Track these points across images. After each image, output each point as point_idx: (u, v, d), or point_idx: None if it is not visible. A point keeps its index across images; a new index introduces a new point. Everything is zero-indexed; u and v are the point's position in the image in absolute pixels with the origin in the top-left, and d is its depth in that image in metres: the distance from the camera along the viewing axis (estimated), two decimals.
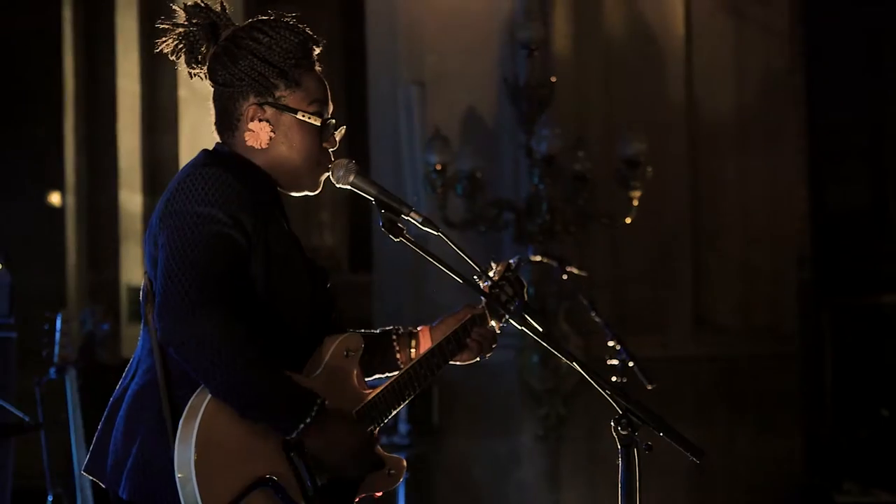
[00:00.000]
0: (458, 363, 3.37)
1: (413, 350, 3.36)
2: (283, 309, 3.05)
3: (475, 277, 3.36)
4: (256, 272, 3.01)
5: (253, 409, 2.88)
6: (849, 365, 9.48)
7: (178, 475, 2.86)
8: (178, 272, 2.90)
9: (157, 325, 2.92)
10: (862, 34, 9.83)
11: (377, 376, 3.29)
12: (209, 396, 2.89)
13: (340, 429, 2.98)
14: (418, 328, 3.40)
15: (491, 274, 3.40)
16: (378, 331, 3.39)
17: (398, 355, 3.35)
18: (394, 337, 3.37)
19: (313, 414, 2.91)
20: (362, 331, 3.34)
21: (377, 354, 3.34)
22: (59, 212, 10.74)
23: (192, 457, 2.85)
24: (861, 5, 9.80)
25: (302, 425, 2.90)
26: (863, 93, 9.99)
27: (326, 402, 2.95)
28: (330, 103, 3.21)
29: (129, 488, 2.96)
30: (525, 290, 3.45)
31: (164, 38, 3.20)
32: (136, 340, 8.82)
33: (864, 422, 9.07)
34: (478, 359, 3.39)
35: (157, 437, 2.93)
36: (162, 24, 3.21)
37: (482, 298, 3.39)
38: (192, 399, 2.90)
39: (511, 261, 3.48)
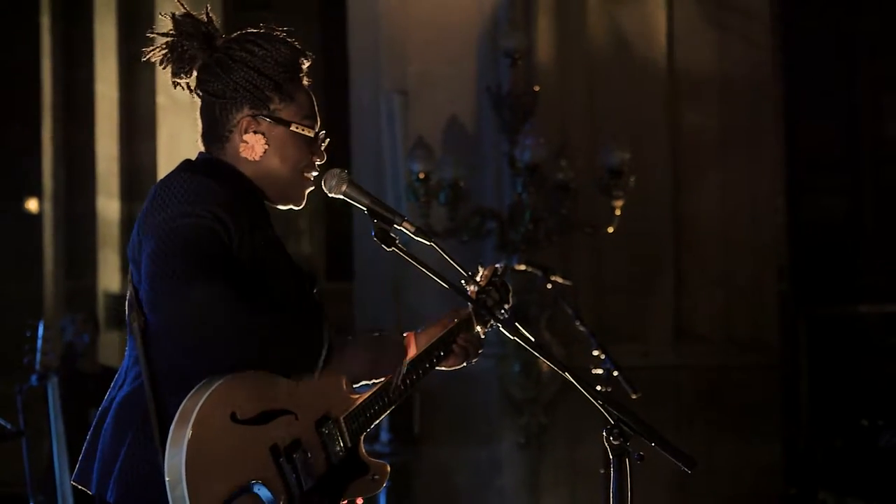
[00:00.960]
0: (443, 368, 3.38)
1: None
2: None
3: (462, 282, 3.37)
4: (239, 276, 3.00)
5: (275, 347, 2.93)
6: (825, 374, 9.52)
7: (167, 479, 2.85)
8: (165, 262, 2.90)
9: (152, 318, 2.93)
10: (840, 47, 9.90)
11: (363, 382, 3.27)
12: (202, 400, 2.88)
13: (357, 352, 3.06)
14: (405, 335, 3.39)
15: (478, 279, 3.41)
16: None
17: None
18: None
19: (325, 354, 2.96)
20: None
21: None
22: (36, 218, 10.70)
23: (183, 461, 2.85)
24: (839, 19, 9.87)
25: (321, 362, 2.96)
26: (840, 104, 10.05)
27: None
28: (318, 116, 3.22)
29: (117, 492, 2.97)
30: (510, 294, 3.47)
31: (152, 48, 3.19)
32: (113, 347, 8.76)
33: (839, 431, 9.10)
34: (464, 364, 3.39)
35: (145, 442, 2.93)
36: (152, 33, 3.20)
37: (468, 304, 3.39)
38: (184, 402, 2.89)
39: (497, 266, 3.50)
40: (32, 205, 10.79)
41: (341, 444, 3.11)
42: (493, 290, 3.41)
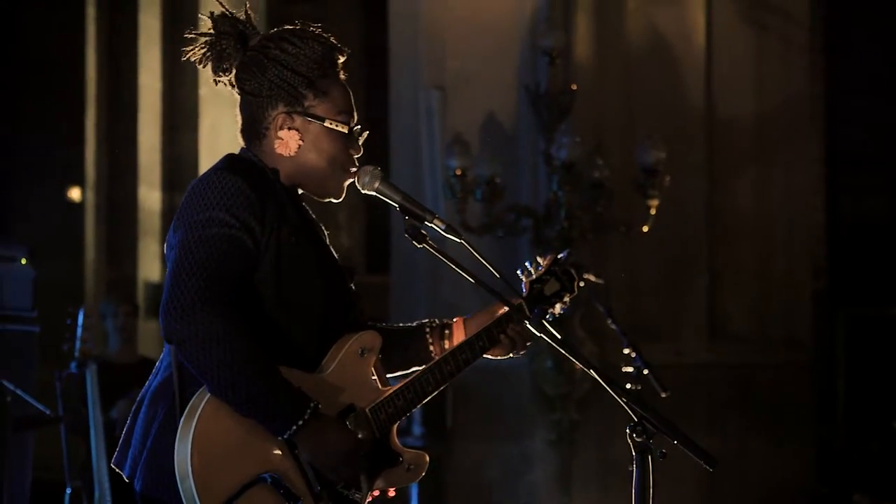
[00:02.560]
0: (490, 357, 3.35)
1: (447, 342, 3.37)
2: (294, 311, 3.09)
3: (518, 272, 3.38)
4: (266, 275, 3.06)
5: (247, 408, 2.94)
6: (861, 376, 9.49)
7: (176, 473, 2.93)
8: (185, 271, 2.97)
9: (161, 321, 2.98)
10: (880, 45, 9.87)
11: (414, 369, 3.28)
12: (208, 396, 2.95)
13: (331, 433, 3.01)
14: (453, 319, 3.41)
15: (538, 268, 3.40)
16: (414, 324, 3.42)
17: (431, 348, 3.37)
18: (427, 330, 3.39)
19: (306, 417, 2.95)
20: (400, 325, 3.40)
21: (410, 348, 3.37)
22: (79, 207, 10.79)
23: (190, 455, 2.91)
24: (879, 16, 9.83)
25: (294, 427, 2.95)
26: (880, 103, 10.02)
27: (320, 406, 2.99)
28: (354, 111, 3.27)
29: (143, 481, 3.04)
30: (576, 283, 3.42)
31: (191, 47, 3.25)
32: (151, 337, 8.81)
33: (875, 434, 9.08)
34: (510, 355, 3.38)
35: (169, 433, 2.99)
36: (189, 33, 3.26)
37: (521, 293, 3.37)
38: (193, 398, 2.96)
39: (560, 255, 3.45)
40: (75, 193, 10.88)
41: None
42: (552, 279, 3.39)
